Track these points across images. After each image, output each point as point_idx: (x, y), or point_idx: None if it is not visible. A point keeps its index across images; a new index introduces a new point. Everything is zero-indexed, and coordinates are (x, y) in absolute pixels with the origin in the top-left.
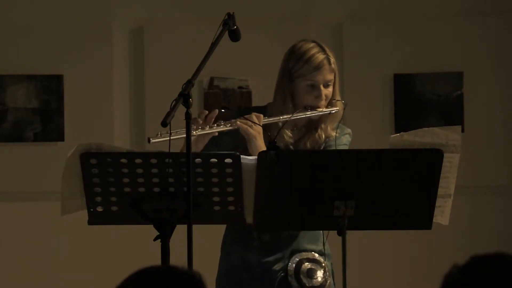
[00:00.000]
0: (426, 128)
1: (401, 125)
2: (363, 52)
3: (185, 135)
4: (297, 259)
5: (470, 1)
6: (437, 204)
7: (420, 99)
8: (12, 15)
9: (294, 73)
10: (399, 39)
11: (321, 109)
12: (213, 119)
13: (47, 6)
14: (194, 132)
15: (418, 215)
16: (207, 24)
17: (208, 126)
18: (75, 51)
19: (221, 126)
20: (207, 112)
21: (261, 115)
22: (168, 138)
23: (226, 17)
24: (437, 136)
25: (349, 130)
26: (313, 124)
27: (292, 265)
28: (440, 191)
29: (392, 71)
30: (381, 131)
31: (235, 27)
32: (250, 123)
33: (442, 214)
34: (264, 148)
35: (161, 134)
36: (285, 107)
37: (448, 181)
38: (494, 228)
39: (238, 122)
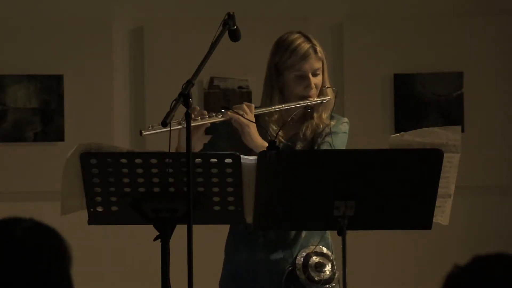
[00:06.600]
0: (426, 128)
1: (401, 125)
2: (363, 52)
3: (177, 127)
4: (305, 253)
5: (470, 1)
6: (437, 204)
7: (420, 99)
8: (12, 15)
9: (282, 65)
10: (399, 39)
11: (312, 99)
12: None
13: (47, 6)
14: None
15: (418, 215)
16: (207, 24)
17: (199, 117)
18: (75, 51)
19: (213, 117)
20: (198, 108)
21: (252, 105)
22: (160, 131)
23: (226, 17)
24: (437, 136)
25: (346, 119)
26: (307, 116)
27: (300, 259)
28: (440, 191)
29: (392, 71)
30: (381, 131)
31: (235, 27)
32: (241, 112)
33: (442, 214)
34: (258, 137)
35: (152, 126)
36: (273, 100)
37: (448, 181)
38: (494, 228)
39: (229, 113)
